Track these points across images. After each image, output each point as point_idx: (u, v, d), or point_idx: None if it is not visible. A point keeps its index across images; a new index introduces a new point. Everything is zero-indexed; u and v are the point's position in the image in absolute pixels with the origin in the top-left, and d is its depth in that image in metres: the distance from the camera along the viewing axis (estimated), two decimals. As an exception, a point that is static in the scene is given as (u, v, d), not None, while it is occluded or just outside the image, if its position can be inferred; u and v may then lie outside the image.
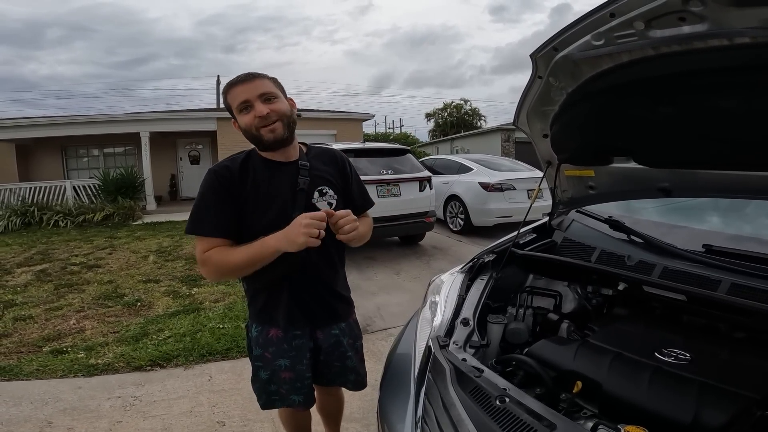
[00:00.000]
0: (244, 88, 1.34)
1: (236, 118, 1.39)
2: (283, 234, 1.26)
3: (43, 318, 3.97)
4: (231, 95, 1.36)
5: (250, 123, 1.34)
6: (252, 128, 1.35)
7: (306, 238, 1.21)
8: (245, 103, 1.34)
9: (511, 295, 1.68)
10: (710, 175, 1.42)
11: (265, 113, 1.33)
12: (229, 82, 1.38)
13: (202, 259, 1.36)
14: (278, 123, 1.36)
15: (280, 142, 1.38)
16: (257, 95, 1.33)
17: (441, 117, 39.46)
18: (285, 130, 1.38)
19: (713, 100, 1.16)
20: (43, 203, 10.73)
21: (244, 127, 1.37)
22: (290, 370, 1.49)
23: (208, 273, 1.39)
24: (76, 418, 2.45)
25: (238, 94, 1.34)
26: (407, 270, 5.41)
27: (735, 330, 1.27)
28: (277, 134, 1.36)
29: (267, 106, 1.34)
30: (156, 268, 5.72)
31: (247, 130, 1.37)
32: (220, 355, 3.15)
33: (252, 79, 1.35)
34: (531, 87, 1.47)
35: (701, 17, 0.94)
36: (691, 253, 1.39)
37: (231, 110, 1.39)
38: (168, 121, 13.17)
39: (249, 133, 1.37)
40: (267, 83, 1.37)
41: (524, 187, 7.10)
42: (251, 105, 1.34)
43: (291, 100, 1.45)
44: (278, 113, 1.36)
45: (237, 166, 1.41)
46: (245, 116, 1.35)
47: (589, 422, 1.00)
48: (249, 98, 1.33)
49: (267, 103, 1.34)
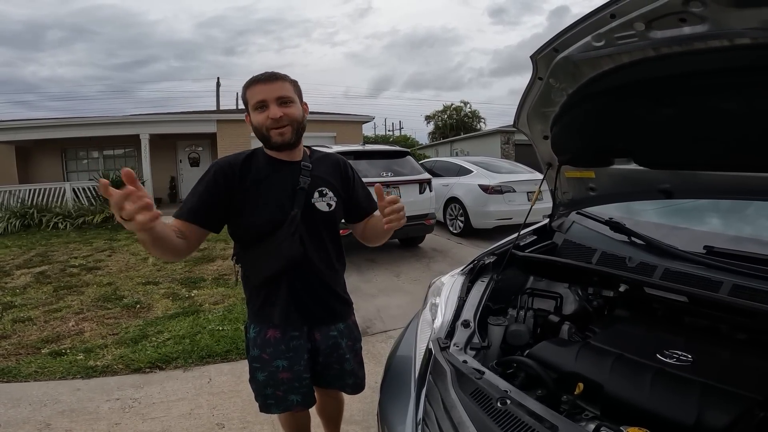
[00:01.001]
0: (264, 88, 1.38)
1: (250, 114, 1.44)
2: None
3: (42, 320, 3.97)
4: (250, 92, 1.40)
5: (263, 122, 1.39)
6: (263, 128, 1.40)
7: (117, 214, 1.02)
8: (262, 102, 1.38)
9: (511, 296, 1.68)
10: (711, 177, 1.42)
11: (279, 116, 1.37)
12: (252, 78, 1.41)
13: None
14: (288, 127, 1.40)
15: (286, 145, 1.43)
16: (275, 97, 1.38)
17: (441, 119, 39.49)
18: (293, 135, 1.43)
19: (714, 102, 1.16)
20: (43, 205, 10.70)
21: (256, 124, 1.41)
22: (288, 371, 1.50)
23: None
24: (74, 419, 2.44)
25: (257, 93, 1.38)
26: (407, 272, 5.41)
27: (737, 331, 1.27)
28: (285, 138, 1.41)
29: (281, 110, 1.38)
30: (155, 270, 5.71)
31: (258, 129, 1.41)
32: (219, 357, 3.15)
33: (273, 81, 1.39)
34: (531, 88, 1.47)
35: (702, 18, 0.95)
36: (693, 255, 1.39)
37: (247, 105, 1.43)
38: (168, 123, 13.18)
39: (259, 132, 1.42)
40: (287, 86, 1.41)
41: (524, 189, 7.10)
42: (267, 106, 1.38)
43: (305, 105, 1.49)
44: (290, 118, 1.40)
45: (239, 162, 1.45)
46: (259, 114, 1.39)
47: (590, 424, 1.00)
48: (266, 99, 1.37)
49: (282, 107, 1.38)
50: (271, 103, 1.37)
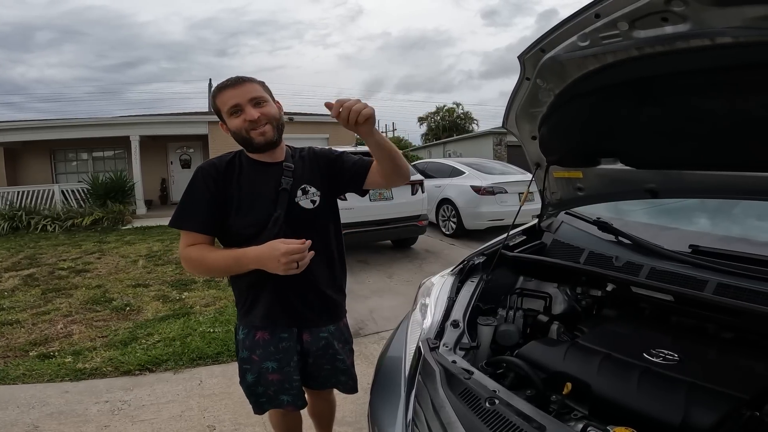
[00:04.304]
0: (235, 92, 1.36)
1: (225, 121, 1.41)
2: (259, 256, 1.28)
3: (30, 323, 3.92)
4: (220, 99, 1.38)
5: (241, 126, 1.37)
6: (242, 131, 1.37)
7: (285, 269, 1.24)
8: (236, 107, 1.36)
9: (501, 297, 1.68)
10: (696, 176, 1.43)
11: (256, 117, 1.35)
12: (218, 85, 1.39)
13: (184, 254, 1.40)
14: (268, 126, 1.39)
15: (270, 144, 1.41)
16: (247, 99, 1.36)
17: (434, 121, 39.56)
18: (275, 133, 1.41)
19: (697, 101, 1.17)
20: (31, 207, 10.60)
21: (234, 129, 1.39)
22: (277, 372, 1.49)
23: (187, 266, 1.43)
24: (63, 422, 2.42)
25: (228, 99, 1.36)
26: (400, 274, 5.40)
27: (723, 330, 1.27)
28: (267, 137, 1.39)
29: (257, 110, 1.36)
30: (145, 272, 5.66)
31: (237, 133, 1.39)
32: (210, 360, 3.13)
33: (242, 84, 1.37)
34: (519, 89, 1.47)
35: (683, 17, 0.95)
36: (678, 254, 1.40)
37: (220, 113, 1.41)
38: (158, 124, 13.06)
39: (239, 136, 1.39)
40: (256, 87, 1.39)
41: (516, 190, 7.12)
42: (241, 109, 1.36)
43: (278, 103, 1.47)
44: (268, 117, 1.38)
45: (224, 164, 1.44)
46: (235, 119, 1.37)
47: (578, 424, 1.00)
48: (239, 102, 1.35)
49: (257, 107, 1.37)
50: (245, 106, 1.35)
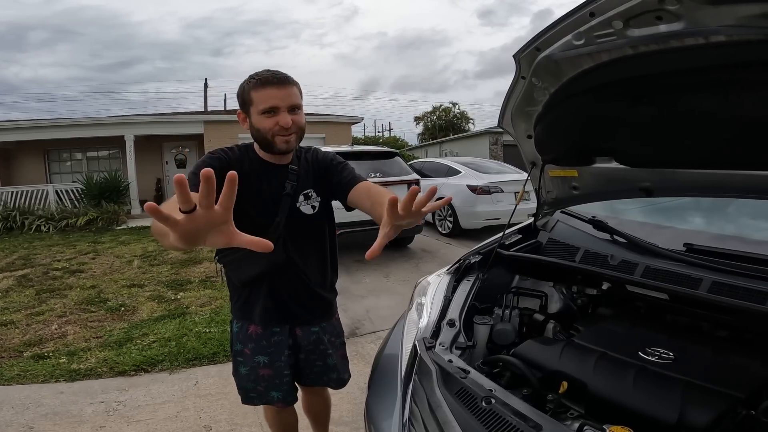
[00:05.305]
0: (278, 93, 1.29)
1: (251, 115, 1.33)
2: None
3: (24, 323, 3.89)
4: (260, 94, 1.30)
5: (270, 128, 1.31)
6: (269, 133, 1.32)
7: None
8: (273, 108, 1.30)
9: (497, 295, 1.68)
10: (690, 175, 1.43)
11: (289, 125, 1.31)
12: (261, 78, 1.30)
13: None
14: (294, 135, 1.34)
15: (289, 151, 1.39)
16: (287, 105, 1.30)
17: (430, 120, 39.51)
18: (296, 143, 1.39)
19: (691, 100, 1.17)
20: (25, 208, 10.51)
21: (261, 128, 1.32)
22: (268, 367, 1.51)
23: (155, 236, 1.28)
24: (57, 423, 2.41)
25: (269, 98, 1.29)
26: (396, 273, 5.40)
27: (718, 329, 1.28)
28: (290, 146, 1.36)
29: (292, 118, 1.31)
30: (141, 272, 5.64)
31: (262, 132, 1.33)
32: (206, 360, 3.12)
33: (286, 86, 1.31)
34: (515, 87, 1.47)
35: (677, 16, 0.95)
36: (673, 252, 1.40)
37: (248, 105, 1.33)
38: (153, 124, 12.98)
39: (261, 135, 1.34)
40: (297, 93, 1.34)
41: (512, 189, 7.13)
42: (277, 112, 1.30)
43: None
44: (298, 126, 1.34)
45: (235, 155, 1.40)
46: (267, 119, 1.31)
47: (575, 423, 1.00)
48: (279, 105, 1.29)
49: (292, 114, 1.32)
50: (282, 111, 1.29)
